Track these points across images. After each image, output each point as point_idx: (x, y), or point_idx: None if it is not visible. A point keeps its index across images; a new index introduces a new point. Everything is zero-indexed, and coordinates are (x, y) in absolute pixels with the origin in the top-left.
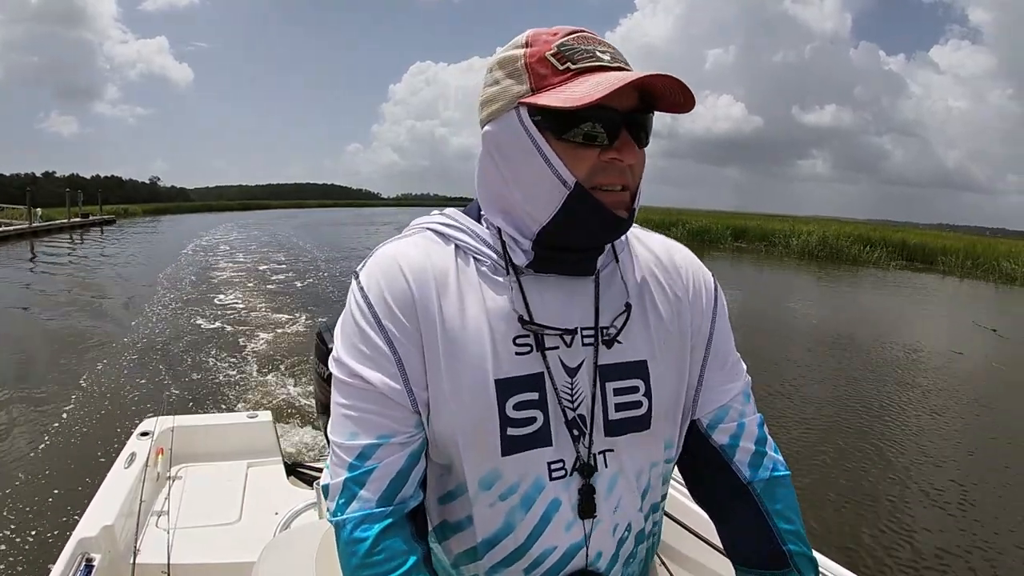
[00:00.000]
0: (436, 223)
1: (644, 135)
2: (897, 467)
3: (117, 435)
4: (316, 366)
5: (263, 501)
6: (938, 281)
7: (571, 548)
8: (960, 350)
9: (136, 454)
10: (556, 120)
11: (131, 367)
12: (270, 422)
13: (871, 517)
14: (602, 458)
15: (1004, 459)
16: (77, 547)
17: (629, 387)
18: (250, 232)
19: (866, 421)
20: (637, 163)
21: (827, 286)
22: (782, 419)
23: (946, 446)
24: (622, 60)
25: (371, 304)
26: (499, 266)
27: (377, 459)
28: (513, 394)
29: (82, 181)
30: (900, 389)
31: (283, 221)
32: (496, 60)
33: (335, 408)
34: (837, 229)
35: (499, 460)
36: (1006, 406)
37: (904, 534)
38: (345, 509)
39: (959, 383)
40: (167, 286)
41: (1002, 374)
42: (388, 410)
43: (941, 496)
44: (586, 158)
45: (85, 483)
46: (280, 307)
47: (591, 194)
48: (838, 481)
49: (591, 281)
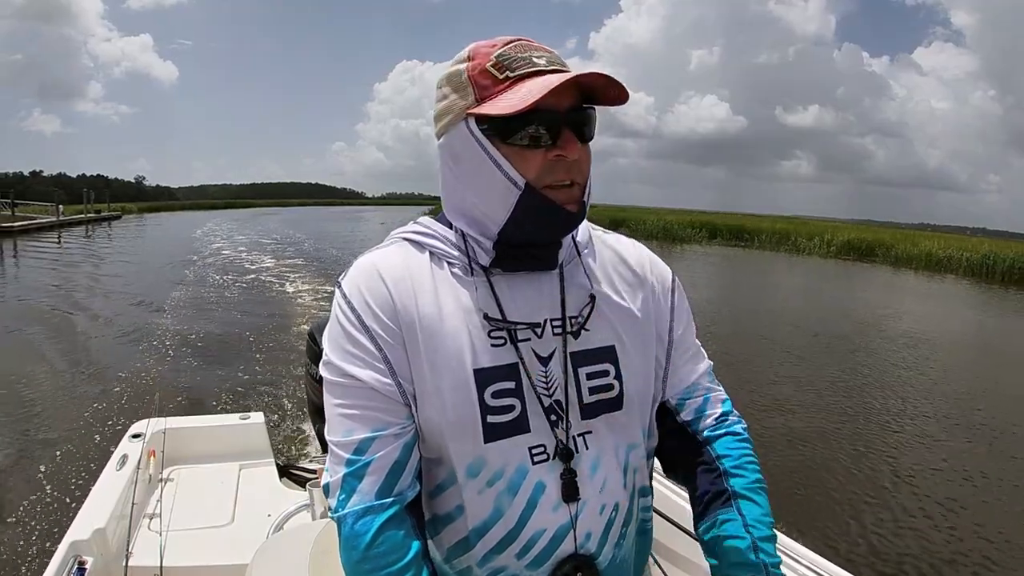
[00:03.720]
0: (411, 233)
1: (586, 131)
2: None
3: (109, 437)
4: (308, 366)
5: (256, 503)
6: (744, 252)
7: (560, 530)
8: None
9: (128, 456)
10: (501, 126)
11: (123, 369)
12: (262, 423)
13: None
14: (582, 440)
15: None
16: (69, 550)
17: (600, 371)
18: (241, 229)
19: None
20: (583, 158)
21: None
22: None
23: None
24: (559, 63)
25: (355, 309)
26: (467, 267)
27: (373, 452)
28: (491, 383)
29: (68, 181)
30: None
31: (266, 217)
32: (444, 76)
33: (329, 410)
34: (677, 219)
35: (483, 447)
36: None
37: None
38: (346, 504)
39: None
40: (167, 285)
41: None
42: (380, 403)
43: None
44: (533, 159)
45: (77, 485)
46: (275, 305)
47: (541, 192)
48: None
49: (556, 275)
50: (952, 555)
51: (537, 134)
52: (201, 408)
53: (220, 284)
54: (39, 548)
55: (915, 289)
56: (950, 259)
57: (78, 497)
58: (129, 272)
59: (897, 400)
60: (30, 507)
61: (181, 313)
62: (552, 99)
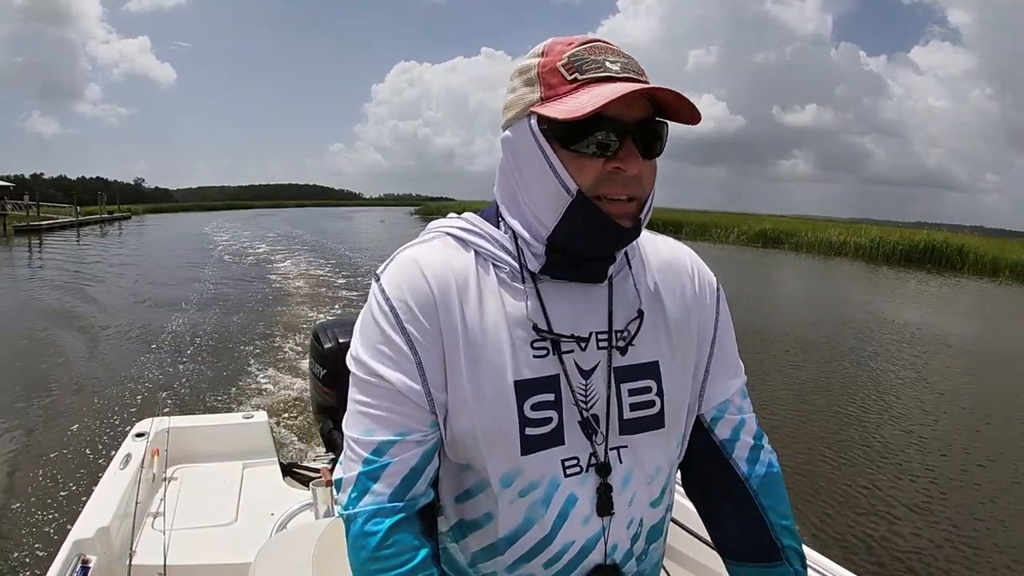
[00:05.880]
0: (455, 228)
1: (653, 145)
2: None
3: (112, 436)
4: (312, 366)
5: (259, 502)
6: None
7: (588, 542)
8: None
9: (132, 455)
10: (562, 130)
11: (127, 368)
12: (265, 422)
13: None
14: (616, 454)
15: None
16: (73, 548)
17: (643, 387)
18: (244, 227)
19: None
20: (646, 174)
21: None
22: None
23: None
24: (634, 70)
25: (393, 307)
26: (516, 272)
27: (392, 455)
28: (531, 395)
29: (69, 183)
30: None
31: (265, 217)
32: (516, 67)
33: (352, 405)
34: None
35: (519, 459)
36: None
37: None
38: (357, 503)
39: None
40: (166, 286)
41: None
42: (406, 408)
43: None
44: (590, 167)
45: (81, 484)
46: (276, 304)
47: (594, 203)
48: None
49: (605, 287)
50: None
51: (598, 142)
52: (204, 407)
53: (227, 277)
54: (43, 547)
55: (801, 267)
56: (844, 244)
57: (81, 496)
58: (145, 268)
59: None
60: (34, 506)
61: (189, 312)
62: (620, 108)
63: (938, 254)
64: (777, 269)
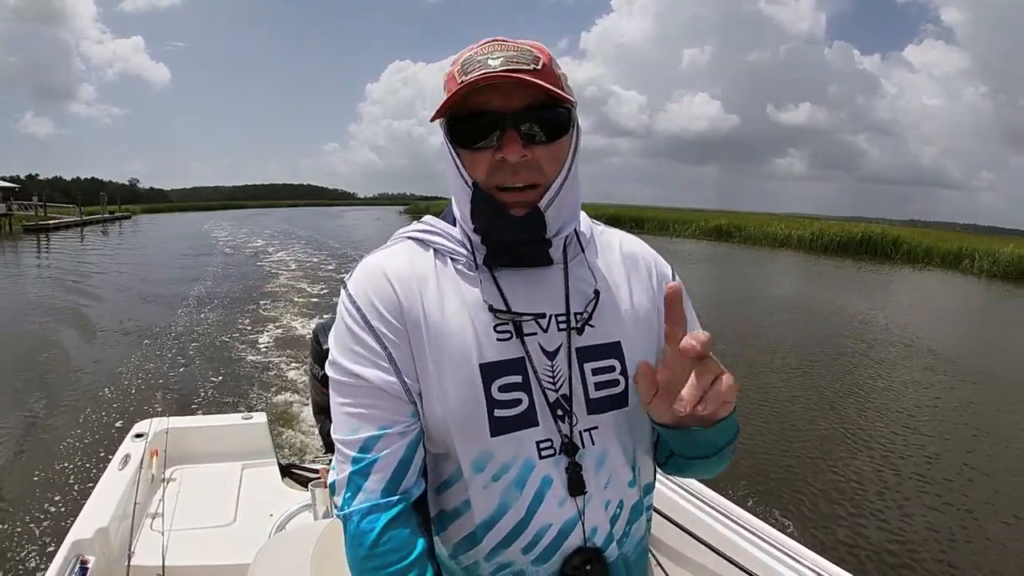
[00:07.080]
0: (415, 232)
1: (536, 132)
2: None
3: (111, 437)
4: (312, 367)
5: (258, 503)
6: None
7: (566, 525)
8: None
9: (130, 456)
10: (452, 128)
11: (125, 369)
12: (264, 423)
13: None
14: (588, 436)
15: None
16: (72, 549)
17: (606, 367)
18: (238, 227)
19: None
20: (542, 159)
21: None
22: None
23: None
24: (522, 62)
25: (360, 309)
26: (472, 263)
27: (379, 450)
28: (497, 377)
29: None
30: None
31: (260, 217)
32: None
33: (335, 409)
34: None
35: (489, 441)
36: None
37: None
38: (351, 502)
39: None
40: (166, 285)
41: None
42: (385, 402)
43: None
44: (482, 161)
45: (80, 485)
46: (274, 305)
47: (490, 193)
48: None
49: (560, 271)
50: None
51: (480, 135)
52: (203, 408)
53: (228, 274)
54: (41, 547)
55: (748, 257)
56: (788, 237)
57: (80, 497)
58: (147, 268)
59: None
60: (32, 506)
61: (189, 312)
62: (499, 100)
63: (874, 245)
64: (727, 260)
